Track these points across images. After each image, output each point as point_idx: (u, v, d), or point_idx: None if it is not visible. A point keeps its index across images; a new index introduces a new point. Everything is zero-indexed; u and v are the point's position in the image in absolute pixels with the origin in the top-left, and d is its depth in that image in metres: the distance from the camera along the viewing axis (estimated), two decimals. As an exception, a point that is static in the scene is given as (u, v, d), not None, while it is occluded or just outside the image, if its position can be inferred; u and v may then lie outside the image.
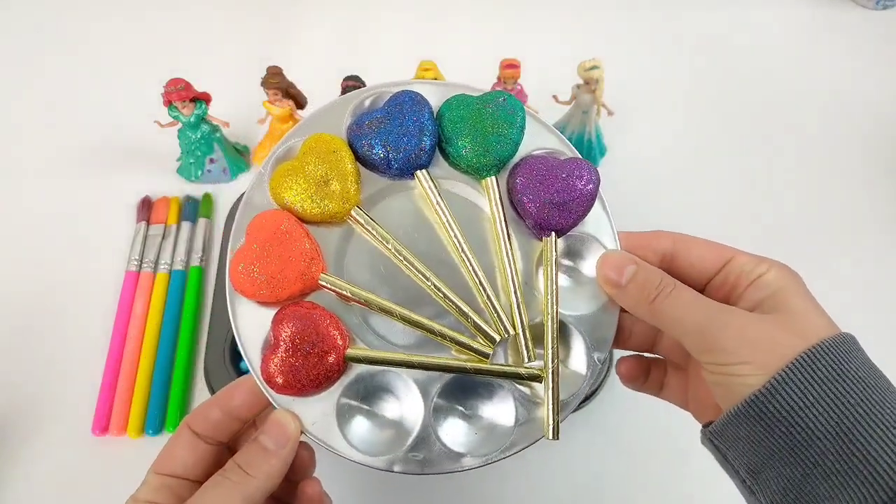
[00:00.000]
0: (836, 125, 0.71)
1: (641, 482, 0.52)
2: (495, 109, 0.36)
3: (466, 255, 0.36)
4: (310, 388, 0.33)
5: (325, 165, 0.35)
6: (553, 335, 0.34)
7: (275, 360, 0.33)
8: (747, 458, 0.30)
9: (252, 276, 0.33)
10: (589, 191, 0.36)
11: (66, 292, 0.59)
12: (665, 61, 0.77)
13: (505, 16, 0.81)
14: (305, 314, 0.33)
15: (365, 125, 0.36)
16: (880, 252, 0.63)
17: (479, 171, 0.36)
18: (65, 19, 0.80)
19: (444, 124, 0.36)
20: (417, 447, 0.34)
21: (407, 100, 0.36)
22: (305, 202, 0.35)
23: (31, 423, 0.53)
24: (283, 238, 0.34)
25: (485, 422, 0.35)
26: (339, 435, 0.33)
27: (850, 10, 0.82)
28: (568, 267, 0.37)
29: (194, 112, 0.59)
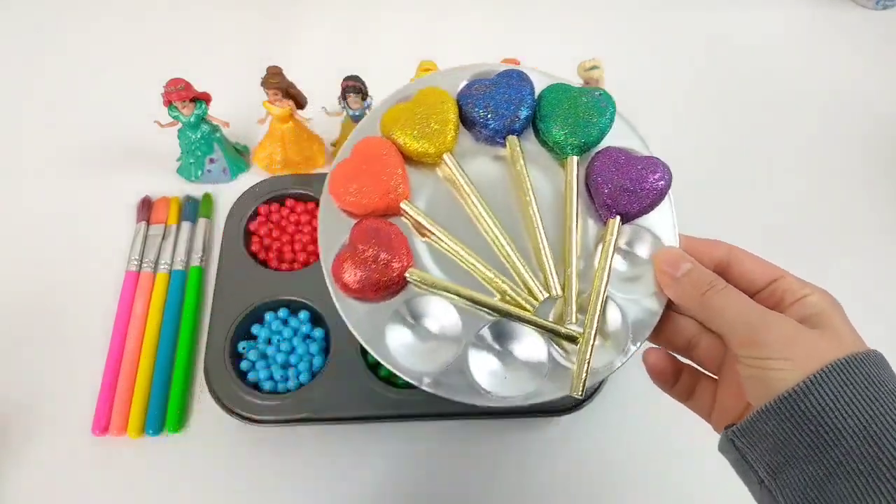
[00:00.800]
0: (836, 125, 0.71)
1: (641, 482, 0.52)
2: (590, 100, 0.40)
3: (537, 216, 0.39)
4: (370, 292, 0.37)
5: (431, 112, 0.40)
6: (599, 304, 0.37)
7: (346, 260, 0.37)
8: (769, 458, 0.31)
9: (346, 184, 0.38)
10: (660, 186, 0.38)
11: (67, 292, 0.59)
12: (665, 61, 0.77)
13: (505, 16, 0.81)
14: (381, 227, 0.38)
15: (474, 88, 0.41)
16: (880, 252, 0.63)
17: (563, 148, 0.40)
18: (65, 19, 0.80)
19: (543, 104, 0.41)
20: (448, 373, 0.36)
21: (515, 75, 0.41)
22: (408, 137, 0.39)
23: (32, 423, 0.53)
24: (381, 160, 0.38)
25: (515, 369, 0.37)
26: (383, 341, 0.37)
27: (850, 10, 0.82)
28: (625, 252, 0.39)
29: (194, 112, 0.59)
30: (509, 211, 0.40)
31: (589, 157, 0.40)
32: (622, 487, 0.52)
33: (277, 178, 0.64)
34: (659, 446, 0.53)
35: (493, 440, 0.53)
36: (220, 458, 0.52)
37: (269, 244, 0.60)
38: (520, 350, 0.37)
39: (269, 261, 0.59)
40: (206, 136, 0.62)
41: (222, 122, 0.62)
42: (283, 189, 0.62)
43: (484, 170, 0.41)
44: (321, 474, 0.52)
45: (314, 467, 0.52)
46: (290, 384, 0.53)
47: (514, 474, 0.52)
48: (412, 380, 0.37)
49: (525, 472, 0.52)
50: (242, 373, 0.54)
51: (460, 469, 0.52)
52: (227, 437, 0.53)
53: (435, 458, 0.52)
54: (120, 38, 0.78)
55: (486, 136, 0.41)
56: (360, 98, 0.59)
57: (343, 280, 0.37)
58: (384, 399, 0.52)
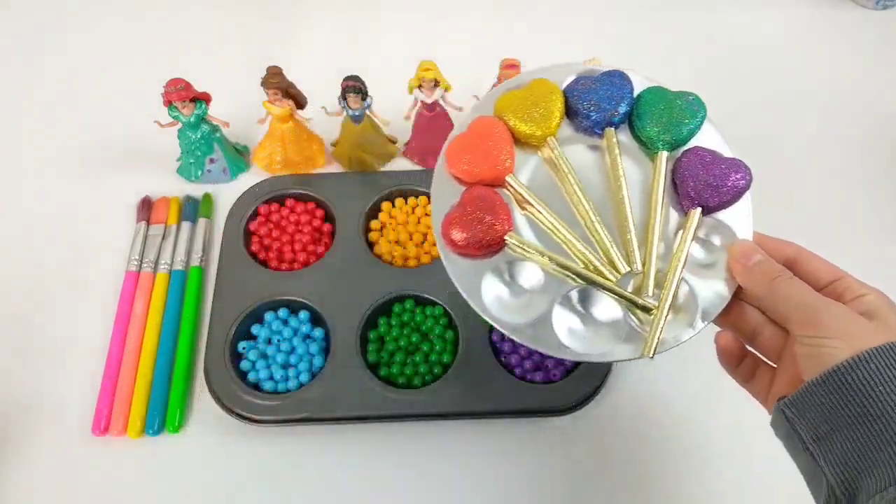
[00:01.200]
0: (836, 125, 0.71)
1: (641, 482, 0.52)
2: (683, 103, 0.45)
3: (626, 200, 0.43)
4: (472, 249, 0.42)
5: (540, 100, 0.45)
6: (675, 282, 0.41)
7: (455, 220, 0.42)
8: (815, 426, 0.34)
9: (462, 154, 0.44)
10: (741, 185, 0.43)
11: (67, 292, 0.59)
12: (665, 61, 0.77)
13: (505, 16, 0.81)
14: (488, 193, 0.43)
15: (580, 83, 0.46)
16: (879, 252, 0.63)
17: (655, 144, 0.44)
18: (65, 19, 0.80)
19: (640, 103, 0.45)
20: (535, 326, 0.41)
21: (618, 75, 0.46)
22: (517, 120, 0.44)
23: (32, 423, 0.53)
24: (493, 137, 0.44)
25: (594, 330, 0.42)
26: (479, 294, 0.41)
27: (850, 10, 0.82)
28: (702, 241, 0.43)
29: (194, 112, 0.60)
30: (599, 194, 0.44)
31: (677, 154, 0.45)
32: (622, 487, 0.52)
33: (277, 178, 0.64)
34: (658, 446, 0.53)
35: (494, 440, 0.53)
36: (220, 458, 0.52)
37: (270, 244, 0.60)
38: (599, 314, 0.42)
39: (269, 261, 0.59)
40: (206, 136, 0.62)
41: (222, 122, 0.62)
42: (283, 189, 0.63)
43: (580, 156, 0.45)
44: (321, 474, 0.52)
45: (314, 467, 0.52)
46: (291, 384, 0.53)
47: (513, 474, 0.52)
48: (502, 328, 0.41)
49: (525, 472, 0.52)
50: (242, 373, 0.54)
51: (460, 469, 0.52)
52: (228, 436, 0.53)
53: (434, 458, 0.52)
54: (120, 38, 0.78)
55: (586, 126, 0.46)
56: (360, 98, 0.59)
57: (451, 237, 0.42)
58: (384, 399, 0.52)
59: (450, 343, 0.55)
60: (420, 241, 0.60)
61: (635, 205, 0.44)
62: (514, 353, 0.54)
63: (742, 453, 0.53)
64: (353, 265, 0.58)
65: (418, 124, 0.63)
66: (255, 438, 0.53)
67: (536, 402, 0.52)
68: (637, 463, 0.53)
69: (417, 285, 0.57)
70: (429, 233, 0.61)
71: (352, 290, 0.57)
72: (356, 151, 0.63)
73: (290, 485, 0.51)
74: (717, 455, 0.53)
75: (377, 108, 0.61)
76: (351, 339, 0.54)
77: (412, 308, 0.56)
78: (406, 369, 0.53)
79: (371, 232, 0.61)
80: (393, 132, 0.66)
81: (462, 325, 0.55)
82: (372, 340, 0.55)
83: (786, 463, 0.53)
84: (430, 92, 0.59)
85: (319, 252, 0.60)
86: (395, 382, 0.53)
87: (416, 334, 0.55)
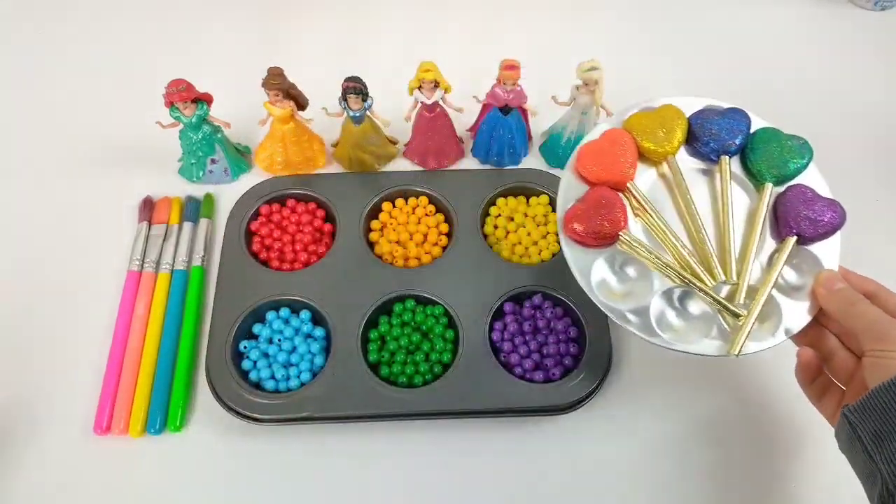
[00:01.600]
0: (835, 125, 0.72)
1: (640, 482, 0.52)
2: (793, 145, 0.52)
3: (730, 220, 0.50)
4: (590, 240, 0.49)
5: (665, 123, 0.52)
6: (765, 295, 0.47)
7: (578, 213, 0.49)
8: (875, 428, 0.38)
9: (592, 157, 0.51)
10: (835, 223, 0.49)
11: (69, 292, 0.59)
12: (664, 62, 0.77)
13: (505, 17, 0.81)
14: (610, 193, 0.50)
15: (704, 113, 0.53)
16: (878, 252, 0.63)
17: (763, 176, 0.51)
18: (65, 19, 0.80)
19: (755, 139, 0.52)
20: (636, 311, 0.48)
21: (739, 112, 0.53)
22: (645, 137, 0.52)
23: (34, 423, 0.53)
24: (621, 147, 0.51)
25: (686, 325, 0.48)
26: (589, 277, 0.48)
27: (849, 10, 0.82)
28: (794, 266, 0.49)
29: (196, 113, 0.60)
30: (703, 211, 0.51)
31: (781, 188, 0.51)
32: (621, 487, 0.52)
33: (278, 179, 0.64)
34: (657, 446, 0.53)
35: (493, 439, 0.53)
36: (221, 457, 0.52)
37: (271, 244, 0.60)
38: (692, 312, 0.49)
39: (270, 261, 0.60)
40: (207, 136, 0.62)
41: (223, 123, 0.62)
42: (284, 189, 0.63)
43: (691, 176, 0.52)
44: (322, 473, 0.52)
45: (315, 466, 0.52)
46: (292, 383, 0.54)
47: (513, 473, 0.52)
48: (604, 308, 0.48)
49: (524, 472, 0.52)
50: (244, 372, 0.54)
51: (460, 468, 0.52)
52: (229, 436, 0.53)
53: (435, 457, 0.53)
54: (122, 38, 0.78)
55: (703, 151, 0.52)
56: (361, 99, 0.59)
57: (573, 227, 0.49)
58: (385, 398, 0.52)
59: (450, 342, 0.55)
60: (420, 241, 0.61)
61: (736, 226, 0.50)
62: (513, 353, 0.54)
63: (740, 451, 0.53)
64: (353, 265, 0.58)
65: (418, 125, 0.64)
66: (257, 437, 0.53)
67: (536, 401, 0.52)
68: (637, 461, 0.53)
69: (418, 285, 0.57)
70: (429, 233, 0.61)
71: (353, 289, 0.57)
72: (357, 152, 0.63)
73: (291, 483, 0.52)
74: (716, 455, 0.53)
75: (377, 108, 0.61)
76: (352, 338, 0.54)
77: (413, 307, 0.56)
78: (407, 368, 0.54)
79: (372, 232, 0.62)
80: (393, 133, 0.66)
81: (462, 324, 0.55)
82: (373, 340, 0.55)
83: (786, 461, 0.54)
84: (430, 93, 0.60)
85: (320, 252, 0.60)
86: (396, 381, 0.54)
87: (416, 334, 0.55)
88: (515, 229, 0.61)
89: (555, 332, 0.55)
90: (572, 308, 0.56)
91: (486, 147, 0.65)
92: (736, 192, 0.52)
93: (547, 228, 0.61)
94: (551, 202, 0.63)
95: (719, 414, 0.55)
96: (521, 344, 0.55)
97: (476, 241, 0.60)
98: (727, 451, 0.53)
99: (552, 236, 0.61)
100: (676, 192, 0.52)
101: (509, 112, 0.62)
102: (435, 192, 0.63)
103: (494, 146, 0.64)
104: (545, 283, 0.57)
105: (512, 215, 0.62)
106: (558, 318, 0.56)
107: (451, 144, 0.66)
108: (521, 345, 0.54)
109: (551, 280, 0.57)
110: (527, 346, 0.54)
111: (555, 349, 0.54)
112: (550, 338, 0.55)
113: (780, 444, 0.54)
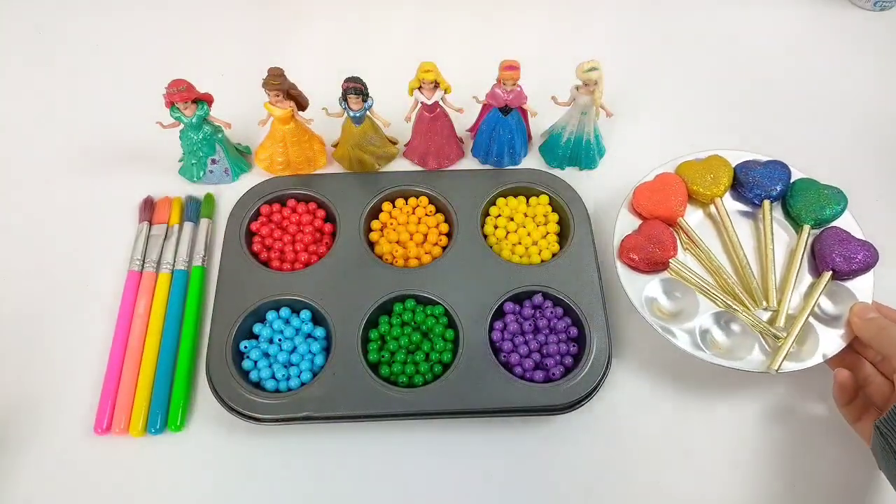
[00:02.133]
0: (834, 126, 0.72)
1: (639, 481, 0.52)
2: (829, 193, 0.58)
3: (771, 255, 0.57)
4: (643, 265, 0.55)
5: (713, 170, 0.60)
6: (803, 321, 0.53)
7: (634, 242, 0.56)
8: None
9: (649, 195, 0.59)
10: (868, 262, 0.55)
11: (69, 292, 0.59)
12: (664, 62, 0.77)
13: (505, 17, 0.81)
14: (662, 226, 0.57)
15: (749, 163, 0.61)
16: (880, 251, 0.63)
17: (802, 219, 0.58)
18: (65, 19, 0.80)
19: (795, 187, 0.59)
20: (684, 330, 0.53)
21: (779, 163, 0.60)
22: (696, 181, 0.60)
23: (34, 422, 0.53)
24: (674, 188, 0.59)
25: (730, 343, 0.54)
26: (642, 301, 0.54)
27: (848, 11, 0.82)
28: (831, 298, 0.55)
29: (196, 113, 0.60)
30: (748, 247, 0.58)
31: (818, 231, 0.58)
32: (621, 487, 0.52)
33: (279, 179, 0.64)
34: (656, 446, 0.54)
35: (494, 439, 0.53)
36: (222, 456, 0.53)
37: (271, 244, 0.60)
38: (735, 333, 0.54)
39: (270, 261, 0.60)
40: (207, 137, 0.62)
41: (224, 124, 0.62)
42: (284, 189, 0.63)
43: (736, 218, 0.60)
44: (322, 473, 0.52)
45: (315, 466, 0.52)
46: (292, 383, 0.54)
47: (514, 473, 0.52)
48: (655, 325, 0.53)
49: (525, 471, 0.52)
50: (244, 372, 0.54)
51: (460, 468, 0.52)
52: (229, 435, 0.53)
53: (435, 456, 0.53)
54: (122, 38, 0.78)
55: (747, 196, 0.60)
56: (361, 99, 0.59)
57: (628, 254, 0.55)
58: (385, 398, 0.52)
59: (450, 342, 0.55)
60: (420, 241, 0.61)
61: (777, 262, 0.56)
62: (514, 352, 0.55)
63: (741, 451, 0.53)
64: (354, 265, 0.59)
65: (418, 125, 0.64)
66: (257, 437, 0.53)
67: (537, 401, 0.52)
68: (637, 460, 0.53)
69: (418, 285, 0.57)
70: (429, 232, 0.61)
71: (353, 289, 0.57)
72: (357, 152, 0.64)
73: (291, 483, 0.52)
74: (715, 455, 0.53)
75: (378, 109, 0.61)
76: (352, 338, 0.55)
77: (413, 307, 0.56)
78: (407, 368, 0.54)
79: (372, 232, 0.62)
80: (393, 133, 0.66)
81: (462, 324, 0.55)
82: (373, 339, 0.55)
83: (786, 460, 0.54)
84: (431, 93, 0.60)
85: (321, 252, 0.60)
86: (396, 381, 0.54)
87: (416, 333, 0.55)
88: (515, 229, 0.61)
89: (555, 332, 0.56)
90: (572, 308, 0.56)
91: (486, 147, 0.65)
92: (777, 232, 0.58)
93: (547, 228, 0.62)
94: (551, 202, 0.63)
95: (719, 415, 0.55)
96: (522, 344, 0.55)
97: (476, 241, 0.60)
98: (728, 452, 0.54)
99: (552, 236, 0.61)
100: (723, 230, 0.59)
101: (509, 112, 0.62)
102: (435, 193, 0.63)
103: (494, 146, 0.65)
104: (545, 282, 0.57)
105: (512, 215, 0.62)
106: (558, 317, 0.56)
107: (451, 145, 0.66)
108: (522, 344, 0.55)
109: (551, 280, 0.57)
110: (527, 345, 0.55)
111: (555, 349, 0.54)
112: (551, 337, 0.55)
113: (780, 444, 0.54)
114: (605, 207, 0.64)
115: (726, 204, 0.60)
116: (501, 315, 0.57)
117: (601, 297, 0.56)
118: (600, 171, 0.68)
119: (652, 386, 0.56)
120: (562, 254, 0.59)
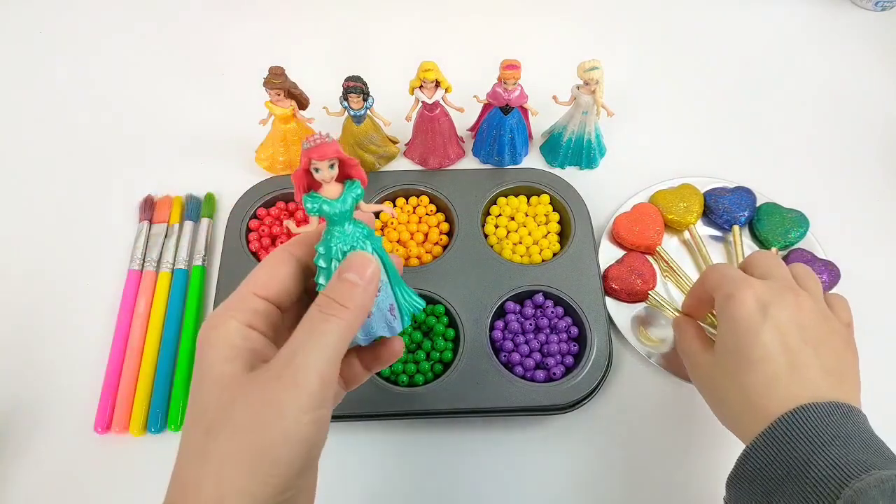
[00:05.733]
0: (835, 126, 0.72)
1: (640, 481, 0.52)
2: (792, 217, 0.62)
3: None
4: (623, 295, 0.58)
5: (685, 198, 0.63)
6: None
7: (615, 272, 0.58)
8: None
9: (628, 225, 0.61)
10: (832, 281, 0.59)
11: (69, 291, 0.59)
12: (664, 62, 0.77)
13: (505, 17, 0.81)
14: (642, 258, 0.60)
15: (717, 191, 0.64)
16: (878, 252, 0.63)
17: (770, 242, 0.61)
18: (65, 19, 0.80)
19: (760, 212, 0.63)
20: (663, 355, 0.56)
21: (745, 190, 0.63)
22: (670, 210, 0.62)
23: (34, 421, 0.53)
24: (650, 218, 0.62)
25: None
26: (631, 332, 0.57)
27: (849, 11, 0.82)
28: None
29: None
30: None
31: (784, 252, 0.61)
32: (621, 486, 0.52)
33: (279, 178, 0.64)
34: (657, 445, 0.53)
35: (495, 438, 0.53)
36: (222, 455, 0.52)
37: (272, 244, 0.60)
38: None
39: (270, 260, 0.59)
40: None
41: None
42: (285, 189, 0.63)
43: (709, 242, 0.63)
44: (322, 472, 0.52)
45: (316, 465, 0.52)
46: (292, 382, 0.53)
47: (514, 472, 0.52)
48: (640, 350, 0.56)
49: (525, 471, 0.52)
50: (245, 371, 0.54)
51: (460, 467, 0.52)
52: (230, 434, 0.53)
53: (435, 455, 0.53)
54: (121, 37, 0.79)
55: (717, 222, 0.63)
56: (362, 98, 0.59)
57: (610, 283, 0.58)
58: (386, 397, 0.52)
59: (451, 341, 0.55)
60: (421, 241, 0.61)
61: None
62: (514, 352, 0.55)
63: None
64: (354, 264, 0.58)
65: (419, 125, 0.64)
66: (258, 436, 0.53)
67: (537, 401, 0.52)
68: (638, 460, 0.53)
69: (419, 284, 0.57)
70: (430, 232, 0.61)
71: (353, 288, 0.57)
72: (357, 151, 0.63)
73: (292, 482, 0.52)
74: (714, 455, 0.53)
75: (378, 108, 0.61)
76: (352, 337, 0.54)
77: (413, 307, 0.56)
78: (408, 367, 0.54)
79: (372, 231, 0.62)
80: (394, 132, 0.66)
81: (463, 323, 0.55)
82: (373, 339, 0.55)
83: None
84: (431, 92, 0.60)
85: (321, 251, 0.60)
86: (397, 380, 0.54)
87: (417, 332, 0.55)
88: (516, 229, 0.61)
89: (556, 332, 0.56)
90: (573, 307, 0.56)
91: (487, 147, 0.65)
92: (747, 254, 0.59)
93: (547, 228, 0.62)
94: (552, 202, 0.63)
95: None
96: (523, 343, 0.55)
97: (477, 240, 0.60)
98: (728, 452, 0.53)
99: (553, 236, 0.61)
100: (698, 255, 0.62)
101: (510, 112, 0.62)
102: (436, 192, 0.63)
103: (495, 146, 0.65)
104: (546, 282, 0.57)
105: (513, 215, 0.62)
106: (559, 317, 0.56)
107: (451, 144, 0.66)
108: (523, 344, 0.55)
109: (552, 279, 0.57)
110: (528, 345, 0.55)
111: (556, 348, 0.54)
112: (552, 337, 0.55)
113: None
114: (606, 207, 0.64)
115: (698, 230, 0.63)
116: (502, 314, 0.57)
117: (602, 296, 0.56)
118: (601, 170, 0.68)
119: (653, 385, 0.56)
120: (562, 253, 0.59)
